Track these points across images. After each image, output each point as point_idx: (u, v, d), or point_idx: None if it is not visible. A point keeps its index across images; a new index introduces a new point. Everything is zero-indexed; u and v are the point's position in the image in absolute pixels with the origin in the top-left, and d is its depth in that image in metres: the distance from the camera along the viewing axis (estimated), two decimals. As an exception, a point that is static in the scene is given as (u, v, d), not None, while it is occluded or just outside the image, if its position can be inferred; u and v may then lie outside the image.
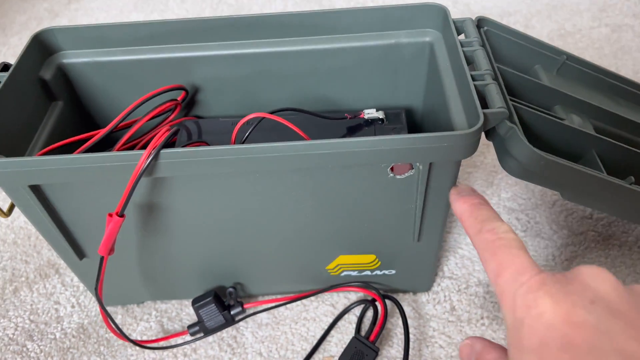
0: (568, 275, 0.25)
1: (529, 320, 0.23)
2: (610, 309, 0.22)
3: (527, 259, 0.27)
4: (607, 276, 0.24)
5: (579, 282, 0.24)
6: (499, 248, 0.28)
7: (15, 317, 0.51)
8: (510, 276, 0.26)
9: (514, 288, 0.25)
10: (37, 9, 0.98)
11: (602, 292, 0.23)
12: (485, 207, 0.32)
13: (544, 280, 0.25)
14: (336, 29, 0.46)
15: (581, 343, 0.21)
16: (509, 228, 0.30)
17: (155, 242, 0.43)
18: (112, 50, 0.47)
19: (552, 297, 0.23)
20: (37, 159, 0.34)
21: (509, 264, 0.27)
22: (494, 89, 0.36)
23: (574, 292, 0.23)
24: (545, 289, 0.24)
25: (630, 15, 0.85)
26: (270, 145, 0.34)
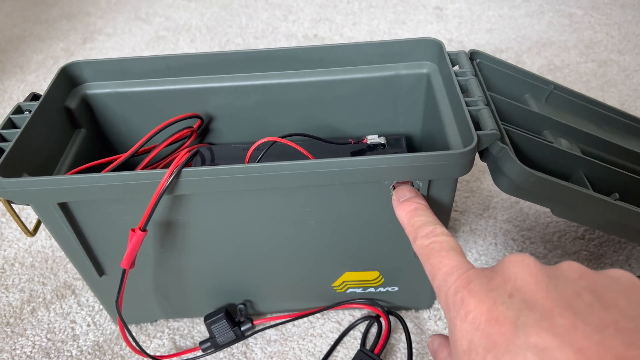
0: (494, 269, 0.25)
1: (459, 322, 0.23)
2: (527, 301, 0.21)
3: (458, 259, 0.27)
4: (527, 262, 0.23)
5: (501, 275, 0.24)
6: (432, 252, 0.29)
7: (33, 335, 0.53)
8: (441, 278, 0.27)
9: (445, 289, 0.26)
10: (53, 49, 1.03)
11: (521, 282, 0.22)
12: (422, 212, 0.34)
13: (470, 277, 0.25)
14: (340, 62, 0.50)
15: (501, 341, 0.20)
16: (443, 231, 0.31)
17: (171, 259, 0.46)
18: (132, 82, 0.50)
19: (476, 295, 0.23)
20: (68, 178, 0.37)
21: (441, 266, 0.27)
22: (486, 113, 0.40)
23: (495, 287, 0.23)
24: (470, 287, 0.24)
25: (615, 52, 0.90)
26: (282, 164, 0.37)
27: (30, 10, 1.18)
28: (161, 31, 1.07)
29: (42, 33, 1.09)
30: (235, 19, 1.09)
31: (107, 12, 1.16)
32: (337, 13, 1.09)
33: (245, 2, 1.15)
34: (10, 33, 1.09)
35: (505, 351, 0.20)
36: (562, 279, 0.22)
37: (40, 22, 1.13)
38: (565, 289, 0.22)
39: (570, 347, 0.18)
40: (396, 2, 1.12)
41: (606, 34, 0.96)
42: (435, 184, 0.39)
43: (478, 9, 1.07)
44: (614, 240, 0.58)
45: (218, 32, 1.05)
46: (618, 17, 1.01)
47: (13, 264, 0.60)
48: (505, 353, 0.20)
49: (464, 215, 0.62)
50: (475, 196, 0.64)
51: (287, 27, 1.05)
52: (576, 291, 0.21)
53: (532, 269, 0.23)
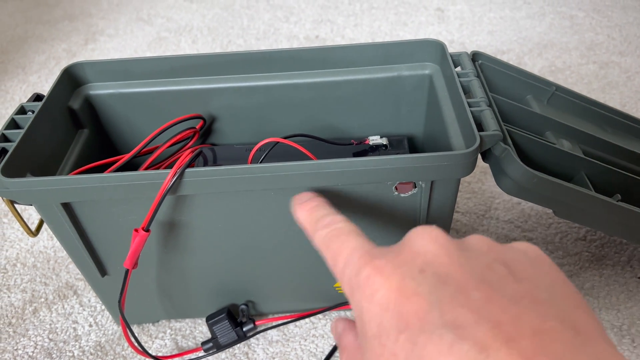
0: (400, 244, 0.23)
1: (366, 304, 0.21)
2: (439, 275, 0.20)
3: (358, 241, 0.25)
4: (435, 235, 0.22)
5: (409, 249, 0.22)
6: (331, 239, 0.27)
7: (35, 336, 0.53)
8: (342, 261, 0.24)
9: (347, 272, 0.24)
10: (55, 49, 1.03)
11: (432, 256, 0.21)
12: (322, 207, 0.32)
13: (374, 254, 0.23)
14: (342, 63, 0.50)
15: (414, 320, 0.19)
16: (342, 218, 0.29)
17: (173, 259, 0.46)
18: (135, 82, 0.51)
19: (382, 271, 0.21)
20: (72, 178, 0.37)
21: (342, 249, 0.25)
22: (488, 114, 0.40)
23: (404, 262, 0.21)
24: (375, 263, 0.22)
25: (616, 53, 0.91)
26: (285, 165, 0.37)
27: (32, 11, 1.18)
28: (163, 32, 1.07)
29: (44, 34, 1.09)
30: (237, 20, 1.09)
31: (109, 13, 1.16)
32: (339, 14, 1.09)
33: (246, 4, 1.15)
34: (12, 34, 1.10)
35: (420, 331, 0.18)
36: (472, 252, 0.22)
37: (43, 22, 1.13)
38: (477, 262, 0.21)
39: (487, 322, 0.18)
40: (397, 4, 1.12)
41: (607, 35, 0.96)
42: (437, 185, 0.40)
43: (479, 11, 1.07)
44: (616, 241, 0.58)
45: (220, 34, 1.05)
46: (619, 19, 1.01)
47: (15, 264, 0.61)
48: (420, 333, 0.18)
49: (465, 216, 0.62)
50: (477, 197, 0.64)
51: (289, 29, 1.05)
52: (488, 264, 0.21)
53: (441, 242, 0.22)
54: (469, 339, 0.17)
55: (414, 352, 0.18)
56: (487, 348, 0.17)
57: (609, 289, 0.53)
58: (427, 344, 0.18)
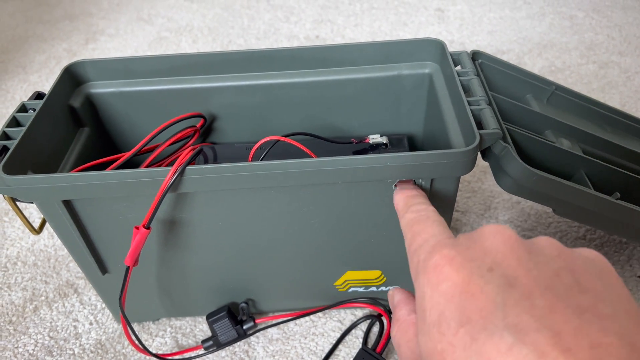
0: (472, 237, 0.23)
1: (429, 290, 0.22)
2: (507, 277, 0.20)
3: (439, 228, 0.26)
4: (507, 235, 0.22)
5: (479, 246, 0.22)
6: (416, 222, 0.29)
7: (35, 334, 0.53)
8: (418, 244, 0.25)
9: (418, 254, 0.24)
10: (56, 49, 1.03)
11: (502, 256, 0.21)
12: (418, 197, 0.33)
13: (446, 243, 0.23)
14: (343, 62, 0.50)
15: (477, 317, 0.19)
16: (433, 209, 0.30)
17: (173, 257, 0.46)
18: (135, 81, 0.51)
19: (451, 263, 0.22)
20: (73, 175, 0.38)
21: (420, 233, 0.26)
22: (488, 113, 0.40)
23: (474, 258, 0.22)
24: (445, 252, 0.22)
25: (616, 53, 0.91)
26: (286, 162, 0.37)
27: (33, 11, 1.18)
28: (163, 32, 1.07)
29: (44, 33, 1.09)
30: (237, 20, 1.09)
31: (110, 12, 1.16)
32: (339, 14, 1.09)
33: (247, 4, 1.16)
34: (13, 33, 1.10)
35: (482, 328, 0.19)
36: (542, 256, 0.22)
37: (43, 22, 1.13)
38: (546, 268, 0.21)
39: (548, 330, 0.18)
40: (398, 4, 1.12)
41: (607, 35, 0.97)
42: (437, 183, 0.40)
43: (479, 11, 1.07)
44: (615, 240, 0.58)
45: (220, 33, 1.05)
46: (619, 19, 1.02)
47: (16, 262, 0.61)
48: (481, 330, 0.19)
49: (465, 215, 0.62)
50: (476, 196, 0.64)
51: (289, 28, 1.05)
52: (556, 271, 0.21)
53: (512, 243, 0.22)
54: (528, 344, 0.18)
55: (472, 347, 0.19)
56: (546, 355, 0.17)
57: (609, 287, 0.53)
58: (487, 342, 0.19)
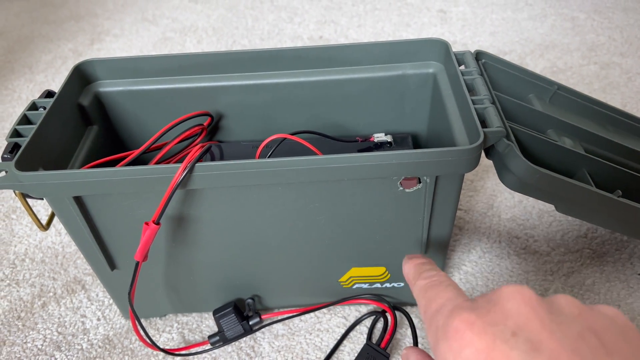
0: (490, 300, 0.23)
1: (452, 357, 0.22)
2: (532, 342, 0.20)
3: (454, 292, 0.26)
4: (528, 297, 0.23)
5: (500, 309, 0.22)
6: (430, 287, 0.29)
7: (44, 329, 0.54)
8: (434, 308, 0.26)
9: (436, 320, 0.24)
10: (61, 49, 1.04)
11: (524, 319, 0.22)
12: (428, 264, 0.34)
13: (464, 307, 0.23)
14: (348, 62, 0.51)
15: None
16: (444, 274, 0.31)
17: (181, 253, 0.47)
18: (143, 80, 0.51)
19: (472, 328, 0.22)
20: (85, 172, 0.38)
21: (436, 298, 0.26)
22: (492, 111, 0.41)
23: (495, 322, 0.22)
24: (465, 316, 0.22)
25: (617, 54, 0.91)
26: (293, 159, 0.38)
27: (38, 12, 1.19)
28: (168, 32, 1.08)
29: (50, 34, 1.10)
30: (242, 21, 1.10)
31: (115, 13, 1.17)
32: (342, 15, 1.10)
33: (251, 4, 1.17)
34: (19, 33, 1.11)
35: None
36: (563, 317, 0.22)
37: (49, 23, 1.14)
38: (569, 330, 0.21)
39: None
40: (400, 5, 1.13)
41: (608, 37, 0.97)
42: (442, 180, 0.40)
43: (482, 12, 1.08)
44: (617, 238, 0.58)
45: (224, 34, 1.06)
46: (620, 21, 1.02)
47: (24, 259, 0.61)
48: None
49: (468, 214, 0.63)
50: (479, 195, 0.65)
51: (293, 29, 1.06)
52: (580, 333, 0.21)
53: (533, 304, 0.22)
54: None
55: None
56: None
57: (610, 285, 0.54)
58: None
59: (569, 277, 0.55)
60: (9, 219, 0.67)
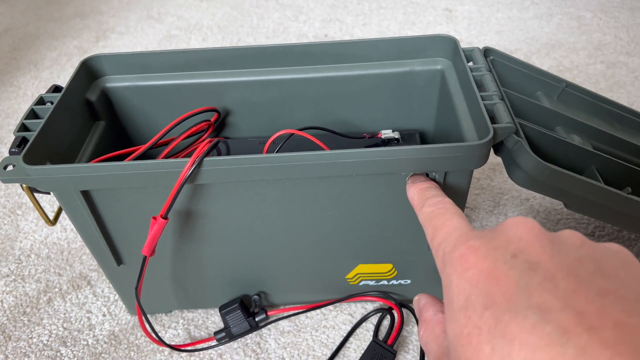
0: (496, 229, 0.24)
1: (456, 278, 0.23)
2: (530, 262, 0.21)
3: (460, 221, 0.28)
4: (530, 225, 0.23)
5: (503, 236, 0.23)
6: (436, 215, 0.30)
7: (50, 324, 0.54)
8: (441, 236, 0.27)
9: (443, 246, 0.26)
10: (67, 46, 1.04)
11: (525, 243, 0.22)
12: (433, 189, 0.35)
13: (470, 236, 0.24)
14: (356, 58, 0.51)
15: (501, 300, 0.20)
16: (449, 201, 0.32)
17: (188, 249, 0.47)
18: (150, 75, 0.51)
19: (476, 252, 0.23)
20: (93, 166, 0.38)
21: (442, 226, 0.28)
22: (501, 107, 0.41)
23: (498, 247, 0.23)
24: (470, 243, 0.24)
25: (624, 53, 0.91)
26: (302, 154, 0.37)
27: (44, 9, 1.19)
28: (173, 30, 1.08)
29: (55, 31, 1.10)
30: (247, 19, 1.10)
31: (120, 10, 1.17)
32: (348, 14, 1.10)
33: (256, 2, 1.16)
34: (24, 31, 1.11)
35: (506, 310, 0.20)
36: (565, 245, 0.22)
37: (54, 20, 1.14)
38: (568, 255, 0.22)
39: (571, 310, 0.19)
40: (406, 4, 1.13)
41: (615, 36, 0.97)
42: (451, 176, 0.40)
43: (487, 11, 1.08)
44: (624, 237, 0.58)
45: (229, 32, 1.06)
46: (626, 20, 1.02)
47: (29, 255, 0.61)
48: (506, 311, 0.20)
49: (474, 212, 0.62)
50: (485, 193, 0.65)
51: (298, 27, 1.06)
52: (578, 258, 0.21)
53: (536, 232, 0.23)
54: (552, 322, 0.18)
55: (497, 328, 0.19)
56: (569, 332, 0.18)
57: (618, 283, 0.53)
58: (511, 322, 0.19)
59: (576, 276, 0.54)
60: (15, 214, 0.67)
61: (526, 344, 0.18)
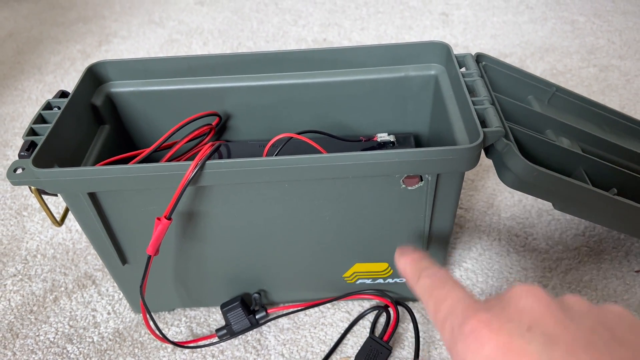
0: (503, 300, 0.24)
1: (471, 356, 0.22)
2: (547, 335, 0.21)
3: (461, 292, 0.27)
4: (540, 295, 0.23)
5: (514, 307, 0.23)
6: (435, 288, 0.29)
7: (56, 322, 0.55)
8: (445, 310, 0.26)
9: (450, 321, 0.25)
10: (70, 51, 1.06)
11: (538, 315, 0.22)
12: (425, 259, 0.33)
13: (477, 308, 0.24)
14: (352, 64, 0.52)
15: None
16: (445, 271, 0.31)
17: (190, 248, 0.48)
18: (154, 81, 0.53)
19: (489, 326, 0.22)
20: (100, 169, 0.40)
21: (444, 299, 0.27)
22: (491, 112, 0.42)
23: (511, 319, 0.22)
24: (480, 317, 0.23)
25: (616, 57, 0.93)
26: (301, 157, 0.39)
27: (47, 14, 1.21)
28: (174, 34, 1.10)
29: (59, 35, 1.12)
30: (247, 23, 1.12)
31: (122, 15, 1.19)
32: (346, 18, 1.12)
33: (256, 7, 1.18)
34: (28, 35, 1.13)
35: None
36: (574, 312, 0.23)
37: (57, 24, 1.16)
38: (581, 324, 0.22)
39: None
40: (403, 8, 1.14)
41: (608, 40, 0.99)
42: (443, 178, 0.42)
43: (483, 15, 1.10)
44: (614, 236, 0.60)
45: (230, 36, 1.07)
46: (619, 24, 1.04)
47: (35, 255, 0.63)
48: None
49: (469, 212, 0.64)
50: (479, 194, 0.66)
51: (297, 32, 1.08)
52: (592, 327, 0.22)
53: (545, 301, 0.23)
54: None
55: None
56: None
57: (607, 281, 0.55)
58: None
59: (567, 274, 0.56)
60: (21, 216, 0.69)
61: None
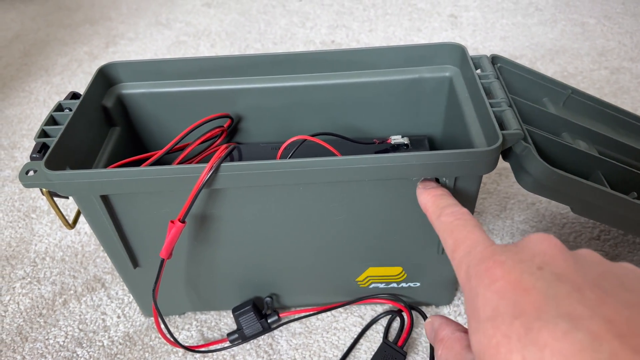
0: (518, 245, 0.25)
1: (482, 290, 0.24)
2: (556, 274, 0.22)
3: (481, 234, 0.28)
4: (553, 242, 0.24)
5: (528, 250, 0.24)
6: (456, 227, 0.30)
7: (65, 326, 0.55)
8: (464, 250, 0.28)
9: (467, 260, 0.26)
10: (77, 52, 1.06)
11: (549, 257, 0.23)
12: (447, 196, 0.35)
13: (495, 250, 0.25)
14: (365, 65, 0.52)
15: (531, 309, 0.21)
16: (467, 211, 0.32)
17: (203, 251, 0.48)
18: (165, 82, 0.53)
19: (503, 265, 0.24)
20: (113, 171, 0.39)
21: (464, 239, 0.28)
22: (510, 114, 0.42)
23: (523, 260, 0.24)
24: (496, 257, 0.24)
25: (627, 59, 0.92)
26: (316, 160, 0.39)
27: (54, 15, 1.21)
28: (182, 36, 1.09)
29: (65, 37, 1.12)
30: (254, 25, 1.11)
31: (129, 17, 1.19)
32: (354, 20, 1.11)
33: (263, 9, 1.18)
34: (35, 37, 1.12)
35: (535, 318, 0.20)
36: (585, 261, 0.24)
37: (64, 26, 1.16)
38: (591, 269, 0.23)
39: (601, 318, 0.19)
40: (411, 10, 1.14)
41: (618, 42, 0.98)
42: (460, 181, 0.41)
43: (492, 17, 1.09)
44: (629, 241, 0.59)
45: (237, 38, 1.07)
46: (630, 26, 1.03)
47: (44, 258, 0.63)
48: (535, 320, 0.20)
49: (481, 216, 0.63)
50: (492, 197, 0.66)
51: (305, 34, 1.07)
52: (601, 273, 0.22)
53: (559, 247, 0.24)
54: (583, 329, 0.19)
55: (527, 336, 0.20)
56: (600, 338, 0.18)
57: (623, 286, 0.54)
58: (542, 330, 0.20)
59: (582, 279, 0.55)
60: (29, 218, 0.68)
61: (558, 351, 0.19)
